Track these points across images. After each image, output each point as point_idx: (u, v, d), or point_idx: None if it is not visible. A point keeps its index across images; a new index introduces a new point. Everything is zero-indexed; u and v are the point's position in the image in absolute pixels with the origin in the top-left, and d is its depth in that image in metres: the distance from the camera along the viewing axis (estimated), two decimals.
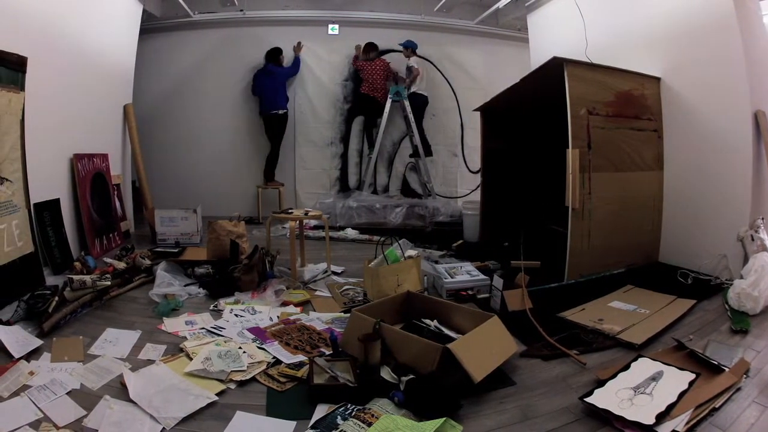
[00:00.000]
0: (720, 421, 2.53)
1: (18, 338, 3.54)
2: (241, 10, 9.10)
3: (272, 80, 8.96)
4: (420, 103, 9.26)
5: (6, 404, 2.81)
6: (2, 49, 4.38)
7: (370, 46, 9.21)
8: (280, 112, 8.94)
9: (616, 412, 2.53)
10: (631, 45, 5.77)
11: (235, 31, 9.37)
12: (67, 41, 5.81)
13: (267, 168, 9.25)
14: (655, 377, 2.86)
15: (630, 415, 2.49)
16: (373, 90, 9.19)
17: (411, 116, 9.13)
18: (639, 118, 5.22)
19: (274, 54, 9.03)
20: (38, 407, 2.77)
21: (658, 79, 5.41)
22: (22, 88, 4.70)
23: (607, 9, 6.21)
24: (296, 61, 9.31)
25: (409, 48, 9.09)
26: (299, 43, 9.32)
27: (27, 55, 4.72)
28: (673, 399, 2.61)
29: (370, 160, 9.34)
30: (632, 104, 5.18)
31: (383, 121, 9.14)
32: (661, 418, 2.47)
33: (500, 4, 8.33)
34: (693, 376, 2.85)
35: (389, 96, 9.05)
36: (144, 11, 7.96)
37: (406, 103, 9.07)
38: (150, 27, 8.77)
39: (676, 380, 2.81)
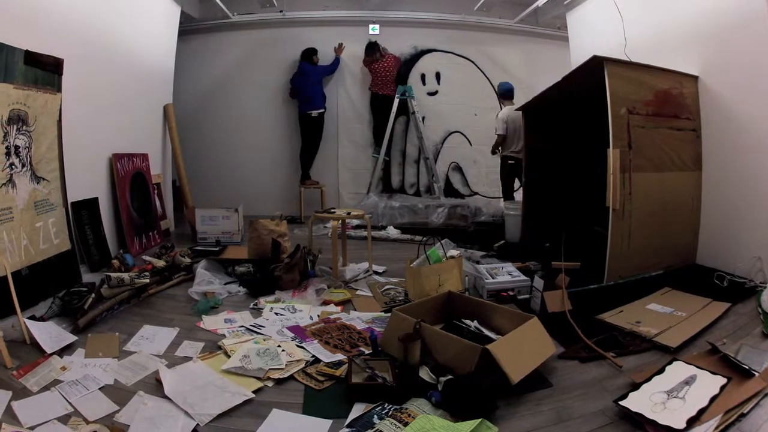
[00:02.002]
0: (747, 426, 2.44)
1: (51, 334, 3.53)
2: (281, 11, 9.08)
3: (305, 79, 8.91)
4: None
5: (35, 398, 2.79)
6: (39, 51, 4.39)
7: (372, 47, 9.08)
8: (314, 113, 8.88)
9: (649, 415, 2.48)
10: (668, 43, 5.60)
11: (274, 32, 9.34)
12: (105, 43, 5.83)
13: (302, 167, 9.18)
14: (689, 381, 2.80)
15: (662, 419, 2.44)
16: (383, 88, 9.14)
17: (418, 116, 9.11)
18: (678, 118, 5.07)
19: (308, 54, 8.99)
20: (69, 402, 2.74)
21: (695, 78, 5.24)
22: (59, 90, 4.71)
23: (644, 6, 6.05)
24: (335, 61, 9.25)
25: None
26: (340, 45, 9.25)
27: (64, 57, 4.72)
28: (705, 403, 2.56)
29: (377, 161, 9.28)
30: (671, 103, 5.03)
31: (390, 121, 9.09)
32: (692, 422, 2.43)
33: (539, 3, 8.18)
34: (725, 380, 2.77)
35: (396, 95, 9.02)
36: (182, 13, 8.01)
37: (414, 102, 9.06)
38: (189, 28, 8.81)
39: (708, 384, 2.75)
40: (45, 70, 4.47)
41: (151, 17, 7.11)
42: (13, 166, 4.10)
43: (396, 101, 9.02)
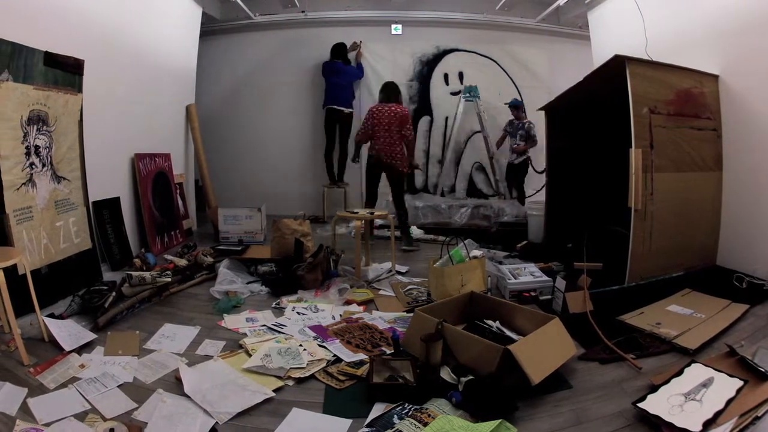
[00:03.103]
0: (762, 429, 2.44)
1: (71, 332, 3.53)
2: (303, 12, 9.07)
3: (338, 77, 8.79)
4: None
5: (51, 395, 2.79)
6: (60, 52, 4.41)
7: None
8: (346, 111, 8.76)
9: (666, 418, 2.47)
10: (689, 41, 5.52)
11: (297, 32, 9.34)
12: (127, 44, 5.86)
13: (328, 167, 9.00)
14: (706, 384, 2.78)
15: (678, 422, 2.43)
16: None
17: (484, 116, 9.02)
18: (699, 117, 5.00)
19: (340, 50, 8.90)
20: (86, 399, 2.74)
21: (716, 77, 5.16)
22: (80, 90, 4.74)
23: (665, 4, 5.96)
24: (360, 67, 9.19)
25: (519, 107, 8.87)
26: (355, 44, 9.19)
27: (85, 58, 4.75)
28: (721, 406, 2.54)
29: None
30: (692, 103, 4.96)
31: (456, 122, 9.05)
32: (708, 425, 2.42)
33: (560, 2, 8.11)
34: (741, 383, 2.75)
35: (462, 96, 8.94)
36: (204, 14, 8.03)
37: (479, 101, 8.99)
38: (211, 29, 8.85)
39: (725, 387, 2.73)
40: (65, 71, 4.50)
41: (172, 18, 7.13)
42: (33, 166, 4.12)
43: (461, 102, 8.95)
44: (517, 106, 8.75)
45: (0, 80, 3.73)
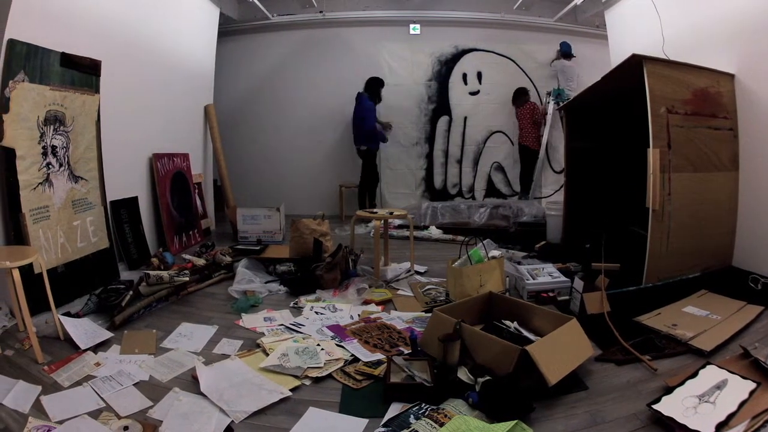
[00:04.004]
0: None
1: (86, 330, 3.54)
2: (321, 12, 9.07)
3: (356, 112, 8.55)
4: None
5: (65, 393, 2.79)
6: (78, 53, 4.44)
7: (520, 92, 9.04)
8: (362, 147, 8.55)
9: (680, 420, 2.46)
10: (705, 40, 5.43)
11: (315, 32, 9.34)
12: (145, 45, 5.88)
13: (359, 198, 8.78)
14: (720, 386, 2.76)
15: (692, 424, 2.42)
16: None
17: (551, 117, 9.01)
18: (715, 117, 4.92)
19: (371, 84, 8.55)
20: (101, 397, 2.74)
21: (732, 76, 5.08)
22: (97, 91, 4.77)
23: (681, 3, 5.88)
24: (382, 136, 8.81)
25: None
26: (389, 124, 9.05)
27: (102, 59, 4.78)
28: (734, 408, 2.53)
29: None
30: (709, 102, 4.89)
31: (547, 126, 8.97)
32: (721, 427, 2.41)
33: (578, 1, 8.05)
34: (754, 385, 2.74)
35: (549, 99, 8.93)
36: (221, 14, 8.06)
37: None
38: (229, 29, 8.88)
39: (738, 389, 2.72)
40: (82, 72, 4.52)
41: (190, 19, 7.16)
42: (50, 166, 4.15)
43: (551, 106, 8.90)
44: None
45: (16, 81, 3.75)
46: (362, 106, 8.32)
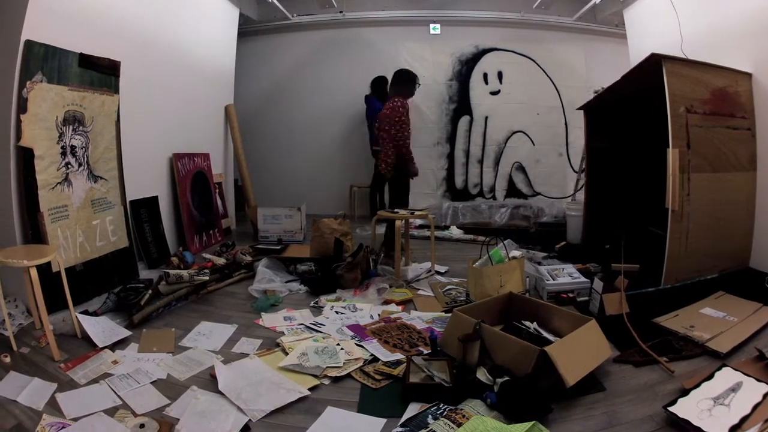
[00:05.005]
0: None
1: (104, 328, 3.55)
2: (341, 12, 9.04)
3: (369, 113, 8.52)
4: None
5: (81, 390, 2.80)
6: (98, 54, 4.47)
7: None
8: (377, 148, 8.39)
9: (695, 422, 2.47)
10: (722, 39, 5.38)
11: (335, 32, 9.32)
12: (165, 46, 5.91)
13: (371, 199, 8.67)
14: (735, 388, 2.76)
15: (706, 427, 2.43)
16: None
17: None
18: (733, 116, 4.88)
19: (376, 84, 8.49)
20: (117, 395, 2.75)
21: (749, 75, 5.04)
22: (116, 91, 4.79)
23: (698, 2, 5.82)
24: None
25: None
26: None
27: (122, 60, 4.81)
28: (747, 411, 2.53)
29: None
30: (727, 102, 4.85)
31: None
32: (734, 430, 2.41)
33: (596, 0, 7.98)
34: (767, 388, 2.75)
35: None
36: (241, 15, 8.07)
37: None
38: (249, 30, 8.89)
39: (752, 391, 2.72)
40: (101, 72, 4.54)
41: (209, 20, 7.17)
42: (69, 166, 4.16)
43: None
44: None
45: (34, 81, 3.77)
46: (373, 108, 8.23)
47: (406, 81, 5.97)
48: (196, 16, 6.67)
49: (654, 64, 4.45)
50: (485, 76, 9.30)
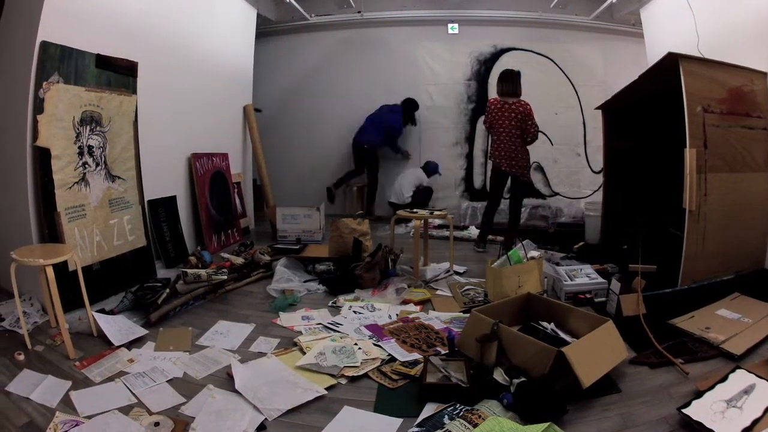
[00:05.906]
0: None
1: (121, 327, 3.56)
2: (359, 12, 9.03)
3: (378, 116, 8.67)
4: None
5: (95, 389, 2.80)
6: (116, 54, 4.49)
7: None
8: (365, 145, 8.56)
9: (708, 425, 2.47)
10: (738, 38, 5.34)
11: (353, 32, 9.31)
12: (183, 47, 5.91)
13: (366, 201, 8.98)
14: (747, 390, 2.76)
15: (719, 429, 2.43)
16: None
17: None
18: (749, 116, 4.84)
19: (406, 104, 8.75)
20: (133, 393, 2.75)
21: (765, 74, 4.99)
22: (134, 91, 4.80)
23: (714, 1, 5.78)
24: (404, 151, 9.09)
25: None
26: (408, 153, 9.18)
27: (140, 60, 4.82)
28: (759, 414, 2.53)
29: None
30: (743, 101, 4.81)
31: None
32: None
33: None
34: None
35: None
36: (258, 15, 8.07)
37: None
38: (267, 30, 8.89)
39: (765, 394, 2.72)
40: (118, 73, 4.56)
41: (226, 20, 7.19)
42: (87, 165, 4.18)
43: None
44: None
45: (50, 82, 3.78)
46: (391, 115, 8.52)
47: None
48: (213, 17, 6.68)
49: (671, 63, 4.42)
50: None
